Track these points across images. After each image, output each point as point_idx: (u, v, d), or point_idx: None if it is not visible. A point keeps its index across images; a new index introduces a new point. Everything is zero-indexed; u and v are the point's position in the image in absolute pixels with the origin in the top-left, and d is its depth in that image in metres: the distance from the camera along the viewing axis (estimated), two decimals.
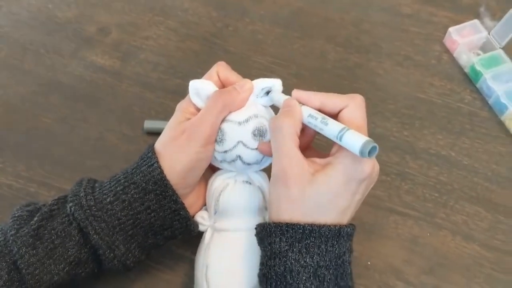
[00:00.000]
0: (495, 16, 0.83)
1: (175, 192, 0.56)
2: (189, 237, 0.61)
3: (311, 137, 0.60)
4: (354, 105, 0.55)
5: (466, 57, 0.79)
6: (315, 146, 0.61)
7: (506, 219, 0.68)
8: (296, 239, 0.51)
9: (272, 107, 0.61)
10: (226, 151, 0.58)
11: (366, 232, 0.67)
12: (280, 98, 0.59)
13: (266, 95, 0.60)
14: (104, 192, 0.57)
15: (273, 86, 0.60)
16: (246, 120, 0.58)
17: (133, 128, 0.76)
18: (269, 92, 0.60)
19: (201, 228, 0.62)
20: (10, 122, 0.78)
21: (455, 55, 0.82)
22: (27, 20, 0.89)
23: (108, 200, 0.56)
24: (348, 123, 0.53)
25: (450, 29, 0.81)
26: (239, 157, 0.59)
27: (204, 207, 0.63)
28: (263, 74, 0.81)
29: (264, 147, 0.58)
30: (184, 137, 0.57)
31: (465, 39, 0.80)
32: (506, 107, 0.74)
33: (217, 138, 0.58)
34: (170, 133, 0.59)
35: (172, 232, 0.59)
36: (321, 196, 0.52)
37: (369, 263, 0.66)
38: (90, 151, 0.75)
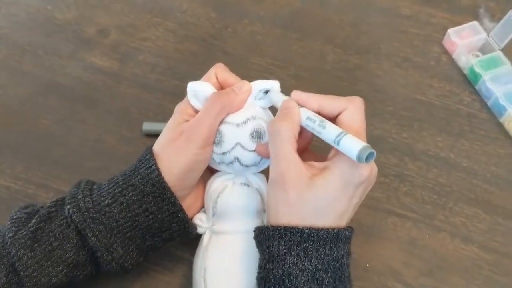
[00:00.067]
0: (494, 18, 0.83)
1: (173, 194, 0.56)
2: (188, 239, 0.61)
3: (309, 140, 0.60)
4: (353, 108, 0.55)
5: (465, 59, 0.79)
6: (314, 148, 0.61)
7: (505, 221, 0.68)
8: (295, 243, 0.51)
9: (271, 109, 0.61)
10: (224, 153, 0.58)
11: (365, 234, 0.67)
12: (279, 99, 0.58)
13: (265, 95, 0.60)
14: (102, 194, 0.57)
15: (271, 88, 0.60)
16: (244, 122, 0.58)
17: (132, 130, 0.76)
18: (268, 92, 0.60)
19: (199, 231, 0.62)
20: (9, 123, 0.78)
21: (454, 57, 0.81)
22: (26, 22, 0.88)
23: (106, 203, 0.56)
24: (347, 127, 0.53)
25: (449, 31, 0.81)
26: (237, 159, 0.59)
27: (203, 209, 0.63)
28: (262, 75, 0.80)
29: (262, 149, 0.58)
30: (182, 139, 0.57)
31: (464, 41, 0.80)
32: (505, 109, 0.74)
33: (215, 140, 0.58)
34: (168, 135, 0.59)
35: (170, 235, 0.59)
36: (319, 200, 0.52)
37: (368, 265, 0.66)
38: (89, 153, 0.75)
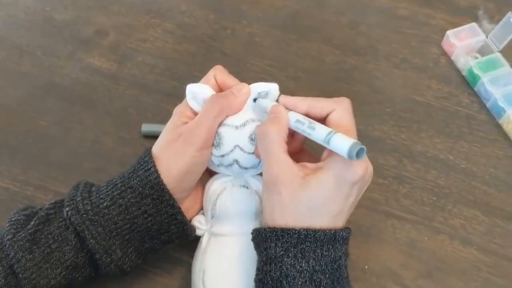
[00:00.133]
0: (493, 19, 0.83)
1: (172, 197, 0.56)
2: (187, 241, 0.61)
3: (301, 142, 0.60)
4: (341, 109, 0.55)
5: (464, 60, 0.79)
6: (310, 150, 0.61)
7: (504, 223, 0.68)
8: (292, 244, 0.51)
9: None
10: (223, 155, 0.58)
11: (363, 236, 0.67)
12: (267, 105, 0.58)
13: (254, 102, 0.60)
14: (101, 197, 0.57)
15: (270, 90, 0.60)
16: (243, 124, 0.58)
17: (130, 131, 0.76)
18: (256, 100, 0.60)
19: (198, 233, 0.62)
20: (7, 125, 0.78)
21: (453, 58, 0.81)
22: (24, 23, 0.88)
23: (105, 205, 0.56)
24: (336, 127, 0.53)
25: (448, 32, 0.81)
26: (236, 161, 0.58)
27: (201, 211, 0.63)
28: (260, 77, 0.81)
29: None
30: (181, 141, 0.57)
31: (463, 42, 0.80)
32: (504, 111, 0.74)
33: (214, 142, 0.58)
34: (167, 137, 0.59)
35: (169, 237, 0.59)
36: (313, 200, 0.52)
37: (366, 267, 0.66)
38: (87, 154, 0.75)
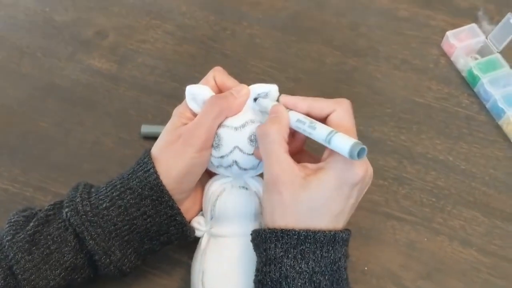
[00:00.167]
0: (493, 20, 0.83)
1: (171, 198, 0.56)
2: (186, 242, 0.61)
3: (302, 142, 0.60)
4: (341, 110, 0.55)
5: (464, 61, 0.79)
6: (310, 150, 0.61)
7: (503, 224, 0.68)
8: (291, 245, 0.51)
9: None
10: (223, 156, 0.58)
11: (363, 237, 0.67)
12: (268, 105, 0.58)
13: (254, 102, 0.60)
14: (100, 198, 0.57)
15: (269, 92, 0.60)
16: (243, 126, 0.58)
17: (130, 132, 0.76)
18: (257, 99, 0.60)
19: (198, 234, 0.62)
20: (7, 126, 0.78)
21: (453, 59, 0.81)
22: (25, 24, 0.88)
23: (104, 206, 0.56)
24: (337, 127, 0.53)
25: (448, 33, 0.81)
26: (236, 163, 0.58)
27: (201, 213, 0.63)
28: (260, 78, 0.81)
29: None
30: (180, 142, 0.57)
31: (463, 43, 0.80)
32: (504, 112, 0.74)
33: (214, 143, 0.58)
34: (167, 138, 0.59)
35: (168, 238, 0.59)
36: (314, 201, 0.52)
37: (366, 268, 0.65)
38: (87, 155, 0.75)
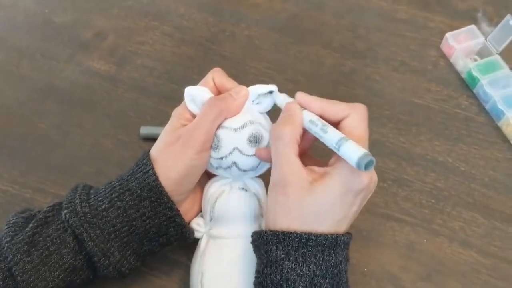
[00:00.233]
0: (492, 22, 0.83)
1: (170, 199, 0.56)
2: (185, 243, 0.61)
3: (311, 142, 0.59)
4: (356, 115, 0.55)
5: (463, 63, 0.79)
6: (316, 150, 0.61)
7: (503, 225, 0.68)
8: (293, 248, 0.51)
9: (268, 114, 0.61)
10: (222, 158, 0.58)
11: (363, 239, 0.67)
12: (282, 101, 0.58)
13: (265, 98, 0.60)
14: (99, 199, 0.57)
15: (275, 92, 0.59)
16: (242, 127, 0.58)
17: (129, 134, 0.76)
18: (272, 92, 0.59)
19: (197, 235, 0.62)
20: (6, 127, 0.78)
21: (452, 61, 0.81)
22: (24, 25, 0.88)
23: (103, 207, 0.56)
24: (349, 134, 0.52)
25: (447, 35, 0.81)
26: (235, 164, 0.58)
27: (200, 214, 0.63)
28: (259, 79, 0.81)
29: (263, 153, 0.58)
30: (180, 144, 0.57)
31: (462, 45, 0.80)
32: (503, 113, 0.74)
33: (213, 145, 0.58)
34: (166, 139, 0.58)
35: (168, 239, 0.59)
36: (319, 206, 0.52)
37: (366, 270, 0.65)
38: (86, 157, 0.75)
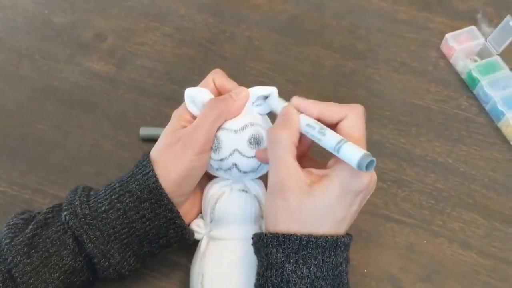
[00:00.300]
0: (492, 23, 0.83)
1: (170, 201, 0.56)
2: (185, 245, 0.61)
3: (308, 146, 0.59)
4: (353, 116, 0.55)
5: (463, 64, 0.79)
6: (314, 153, 0.61)
7: (503, 226, 0.68)
8: (293, 250, 0.51)
9: (269, 115, 0.61)
10: (222, 159, 0.58)
11: (363, 240, 0.67)
12: (278, 105, 0.58)
13: (263, 101, 0.60)
14: (99, 201, 0.57)
15: (270, 94, 0.59)
16: (242, 128, 0.58)
17: (128, 135, 0.76)
18: (267, 98, 0.60)
19: (197, 237, 0.62)
20: (5, 128, 0.78)
21: (452, 61, 0.81)
22: (23, 26, 0.88)
23: (103, 209, 0.56)
24: (347, 135, 0.52)
25: (447, 35, 0.81)
26: (235, 165, 0.58)
27: (200, 215, 0.63)
28: (259, 80, 0.81)
29: (262, 154, 0.58)
30: (180, 145, 0.57)
31: (462, 46, 0.80)
32: (503, 114, 0.74)
33: (213, 146, 0.58)
34: (166, 141, 0.58)
35: (168, 241, 0.59)
36: (318, 208, 0.52)
37: (366, 271, 0.65)
38: (85, 158, 0.75)
